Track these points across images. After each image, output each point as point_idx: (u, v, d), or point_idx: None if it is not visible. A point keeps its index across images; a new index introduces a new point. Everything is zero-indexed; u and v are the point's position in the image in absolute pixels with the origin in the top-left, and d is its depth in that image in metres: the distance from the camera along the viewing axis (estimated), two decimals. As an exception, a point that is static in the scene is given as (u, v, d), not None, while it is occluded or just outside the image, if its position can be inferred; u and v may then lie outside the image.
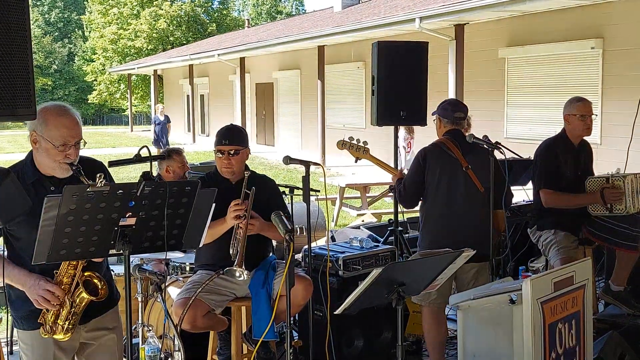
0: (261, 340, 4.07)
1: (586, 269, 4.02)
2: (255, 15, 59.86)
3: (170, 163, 5.80)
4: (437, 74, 11.96)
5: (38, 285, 3.04)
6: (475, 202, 4.67)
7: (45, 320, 3.11)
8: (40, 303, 3.05)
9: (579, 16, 11.77)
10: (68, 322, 3.09)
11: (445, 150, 4.72)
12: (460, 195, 4.67)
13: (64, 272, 3.06)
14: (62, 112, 3.14)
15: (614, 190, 5.16)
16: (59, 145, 3.08)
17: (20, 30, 3.18)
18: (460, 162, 4.66)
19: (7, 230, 3.14)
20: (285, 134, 23.41)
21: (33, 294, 3.05)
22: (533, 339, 3.54)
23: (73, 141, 3.11)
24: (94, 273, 3.09)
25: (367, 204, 11.48)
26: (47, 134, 3.09)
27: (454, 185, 4.67)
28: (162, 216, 2.92)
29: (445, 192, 4.68)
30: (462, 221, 4.65)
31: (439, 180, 4.68)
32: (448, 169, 4.68)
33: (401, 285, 3.12)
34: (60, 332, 3.10)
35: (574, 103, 5.32)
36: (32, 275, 3.07)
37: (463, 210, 4.66)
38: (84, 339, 3.30)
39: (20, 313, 3.23)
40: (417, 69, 6.02)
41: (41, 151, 3.13)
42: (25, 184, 3.11)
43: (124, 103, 46.28)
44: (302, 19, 27.97)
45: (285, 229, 3.56)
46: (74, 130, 3.13)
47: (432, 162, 4.70)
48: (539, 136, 9.69)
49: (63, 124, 3.10)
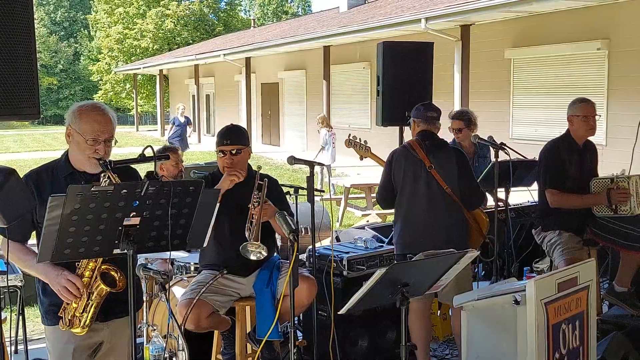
0: (265, 339, 4.07)
1: (590, 269, 4.01)
2: (261, 15, 59.92)
3: (164, 161, 5.77)
4: (442, 74, 11.95)
5: (61, 276, 3.11)
6: (439, 201, 4.71)
7: (64, 313, 3.16)
8: (62, 294, 3.12)
9: (585, 17, 11.75)
10: (86, 315, 3.13)
11: (410, 150, 4.77)
12: (423, 195, 4.71)
13: (85, 264, 3.12)
14: (96, 109, 3.27)
15: (620, 191, 5.15)
16: (89, 138, 3.18)
17: (25, 30, 3.19)
18: (424, 162, 4.70)
19: (37, 224, 3.20)
20: (290, 134, 23.42)
21: (55, 285, 3.13)
22: (537, 339, 3.53)
23: (103, 137, 3.20)
24: (112, 266, 3.13)
25: (372, 204, 11.48)
26: (79, 127, 3.20)
27: (416, 186, 4.72)
28: (166, 216, 2.92)
29: (408, 192, 4.74)
30: (426, 220, 4.69)
31: (403, 181, 4.75)
32: (411, 169, 4.73)
33: (405, 285, 3.12)
34: (78, 326, 3.15)
35: (577, 104, 5.32)
36: (55, 267, 3.13)
37: (426, 209, 4.70)
38: (103, 338, 3.35)
39: (44, 308, 3.32)
40: (423, 69, 6.03)
41: (73, 145, 3.25)
42: (58, 178, 3.24)
43: (129, 103, 46.36)
44: (307, 19, 27.97)
45: (289, 229, 3.56)
46: (106, 126, 3.22)
47: (397, 163, 4.77)
48: (545, 137, 9.66)
49: (95, 119, 3.21)
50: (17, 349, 5.42)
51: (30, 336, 5.63)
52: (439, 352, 5.32)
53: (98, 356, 3.38)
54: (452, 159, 4.80)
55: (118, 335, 3.35)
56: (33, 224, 3.23)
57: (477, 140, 5.40)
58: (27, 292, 5.44)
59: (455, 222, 4.76)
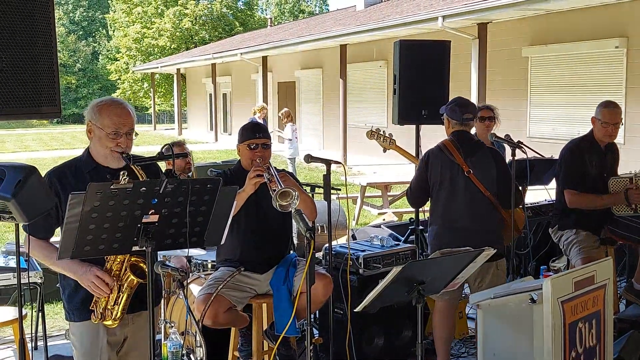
0: (282, 335, 4.09)
1: (607, 268, 4.00)
2: (278, 14, 59.98)
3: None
4: (460, 73, 11.93)
5: (90, 272, 3.15)
6: (478, 204, 4.67)
7: (96, 306, 3.21)
8: (93, 290, 3.15)
9: (602, 15, 11.67)
10: (118, 307, 3.17)
11: (445, 153, 4.71)
12: (462, 198, 4.66)
13: (113, 259, 3.16)
14: (115, 103, 3.33)
15: (638, 190, 5.12)
16: (110, 132, 3.23)
17: (46, 30, 3.24)
18: (462, 166, 4.65)
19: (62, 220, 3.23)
20: (306, 133, 23.43)
21: (85, 281, 3.16)
22: (553, 338, 3.53)
23: (125, 130, 3.25)
24: (141, 258, 3.16)
25: (388, 202, 11.48)
26: (100, 122, 3.25)
27: (454, 189, 4.67)
28: (184, 213, 2.95)
29: (445, 196, 4.69)
30: (465, 223, 4.64)
31: (440, 184, 4.70)
32: (448, 172, 4.68)
33: (421, 283, 3.13)
34: (109, 318, 3.19)
35: (601, 108, 5.23)
36: (83, 264, 3.17)
37: (465, 212, 4.65)
38: (128, 333, 3.39)
39: (72, 305, 3.34)
40: (439, 67, 6.02)
41: (95, 140, 3.29)
42: (82, 174, 3.27)
43: (147, 102, 46.58)
44: (324, 18, 27.96)
45: (306, 227, 3.58)
46: (126, 119, 3.27)
47: (434, 165, 4.72)
48: (562, 136, 9.66)
49: (115, 113, 3.26)
50: (37, 345, 5.48)
51: (50, 332, 5.70)
52: (455, 351, 5.31)
53: (121, 353, 3.42)
54: (490, 161, 4.75)
55: (142, 330, 3.38)
56: (58, 220, 3.25)
57: (494, 138, 5.38)
58: (46, 288, 5.51)
59: (493, 223, 4.74)
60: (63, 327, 5.90)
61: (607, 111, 5.21)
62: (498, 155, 4.90)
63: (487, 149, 4.87)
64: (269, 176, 4.03)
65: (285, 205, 3.78)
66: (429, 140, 5.08)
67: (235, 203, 3.24)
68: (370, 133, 5.36)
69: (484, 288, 4.51)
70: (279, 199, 3.78)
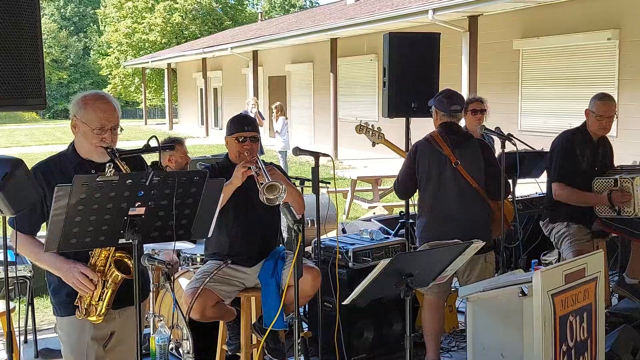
0: (270, 328, 4.07)
1: (599, 261, 3.99)
2: (268, 9, 59.85)
3: (172, 153, 5.81)
4: (450, 65, 11.90)
5: (74, 269, 3.13)
6: (466, 196, 4.66)
7: (80, 302, 3.18)
8: (77, 286, 3.13)
9: (595, 6, 11.66)
10: (102, 303, 3.15)
11: (433, 145, 4.70)
12: (450, 190, 4.65)
13: (97, 254, 3.14)
14: (100, 97, 3.28)
15: (622, 193, 5.07)
16: (95, 127, 3.19)
17: (30, 22, 3.20)
18: (449, 158, 4.65)
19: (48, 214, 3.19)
20: (297, 127, 23.38)
21: (70, 279, 3.14)
22: (543, 331, 3.52)
23: (109, 125, 3.22)
24: (125, 253, 3.14)
25: (379, 196, 11.46)
26: (85, 117, 3.21)
27: (442, 180, 4.67)
28: (171, 206, 2.93)
29: (433, 188, 4.69)
30: (453, 215, 4.64)
31: (428, 175, 4.69)
32: (436, 164, 4.68)
33: (409, 276, 3.11)
34: (94, 314, 3.17)
35: (596, 101, 5.21)
36: (67, 261, 3.15)
37: (453, 204, 4.64)
38: (115, 328, 3.37)
39: (58, 299, 3.32)
40: (429, 60, 5.98)
41: (80, 135, 3.26)
42: (67, 169, 3.22)
43: (138, 97, 46.48)
44: (314, 12, 27.93)
45: (293, 220, 3.55)
46: (111, 114, 3.24)
47: (422, 157, 4.71)
48: (554, 129, 9.63)
49: (100, 108, 3.22)
50: (27, 338, 5.45)
51: (40, 326, 5.67)
52: (445, 344, 5.30)
53: (108, 347, 3.40)
54: (478, 152, 4.74)
55: (128, 324, 3.35)
56: (43, 215, 3.23)
57: (484, 130, 5.36)
58: (36, 282, 5.48)
59: (481, 215, 4.72)
60: (53, 320, 5.83)
61: (602, 104, 5.18)
62: (486, 146, 4.89)
63: (475, 141, 4.87)
64: (257, 169, 4.00)
65: (272, 198, 3.76)
66: (420, 133, 5.04)
67: (222, 195, 3.21)
68: (359, 127, 5.35)
69: (472, 281, 4.51)
70: (266, 192, 3.76)
